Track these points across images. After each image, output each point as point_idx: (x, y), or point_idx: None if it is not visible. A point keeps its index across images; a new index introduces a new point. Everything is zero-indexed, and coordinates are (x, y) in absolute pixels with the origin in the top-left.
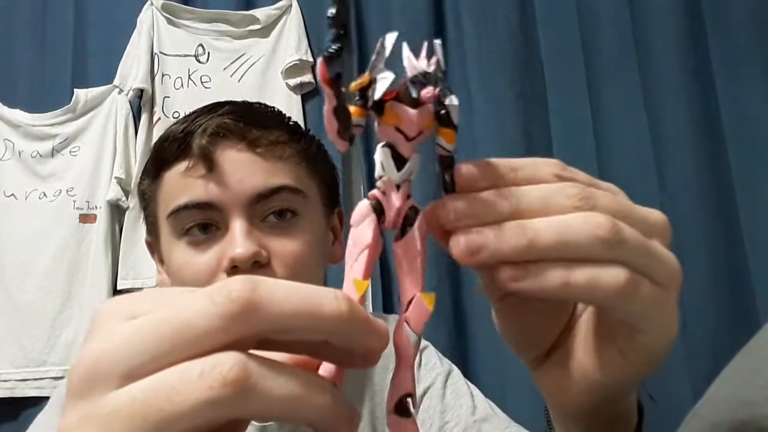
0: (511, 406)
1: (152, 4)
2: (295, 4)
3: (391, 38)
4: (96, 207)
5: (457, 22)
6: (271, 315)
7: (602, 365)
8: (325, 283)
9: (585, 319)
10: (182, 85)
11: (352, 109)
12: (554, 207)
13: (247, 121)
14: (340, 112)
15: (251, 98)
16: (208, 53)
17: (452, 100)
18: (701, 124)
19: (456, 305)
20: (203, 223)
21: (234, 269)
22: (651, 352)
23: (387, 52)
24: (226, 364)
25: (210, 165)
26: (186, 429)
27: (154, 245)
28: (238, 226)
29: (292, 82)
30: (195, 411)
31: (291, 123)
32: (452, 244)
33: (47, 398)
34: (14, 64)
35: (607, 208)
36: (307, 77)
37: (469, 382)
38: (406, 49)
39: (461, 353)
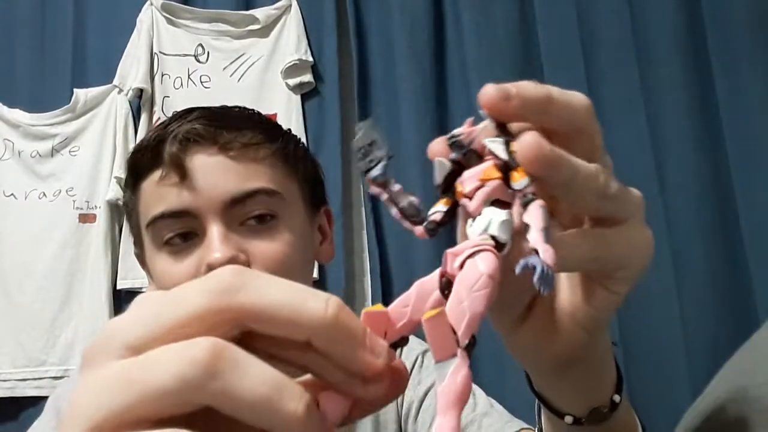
0: (510, 405)
1: (152, 4)
2: (294, 4)
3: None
4: (96, 207)
5: (457, 22)
6: (254, 299)
7: (588, 299)
8: (322, 284)
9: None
10: (182, 84)
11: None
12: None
13: (218, 125)
14: (402, 210)
15: (251, 98)
16: (208, 53)
17: (489, 144)
18: (701, 123)
19: None
20: (183, 232)
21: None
22: (634, 280)
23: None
24: (201, 344)
25: (182, 172)
26: (163, 406)
27: (140, 257)
28: (214, 231)
29: (292, 81)
30: (166, 386)
31: (267, 123)
32: (484, 93)
33: (47, 398)
34: (14, 64)
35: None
36: (307, 77)
37: (472, 384)
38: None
39: None
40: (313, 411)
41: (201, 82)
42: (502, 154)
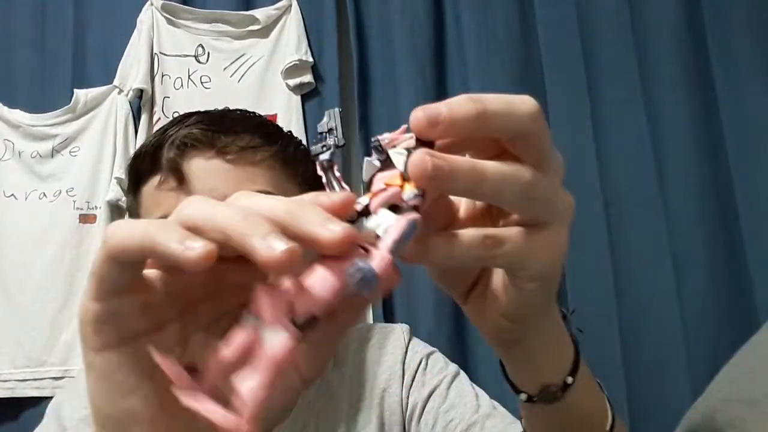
0: (510, 405)
1: (152, 4)
2: (294, 4)
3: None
4: (96, 207)
5: (457, 23)
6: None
7: (503, 294)
8: None
9: None
10: (182, 85)
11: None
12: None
13: (216, 129)
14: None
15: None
16: (208, 53)
17: (392, 154)
18: (701, 124)
19: (456, 305)
20: None
21: None
22: (538, 279)
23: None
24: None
25: (180, 177)
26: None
27: None
28: None
29: (292, 82)
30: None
31: (266, 126)
32: (414, 118)
33: (47, 398)
34: (14, 64)
35: None
36: (307, 77)
37: (474, 385)
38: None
39: (461, 353)
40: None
41: (201, 83)
42: (400, 166)
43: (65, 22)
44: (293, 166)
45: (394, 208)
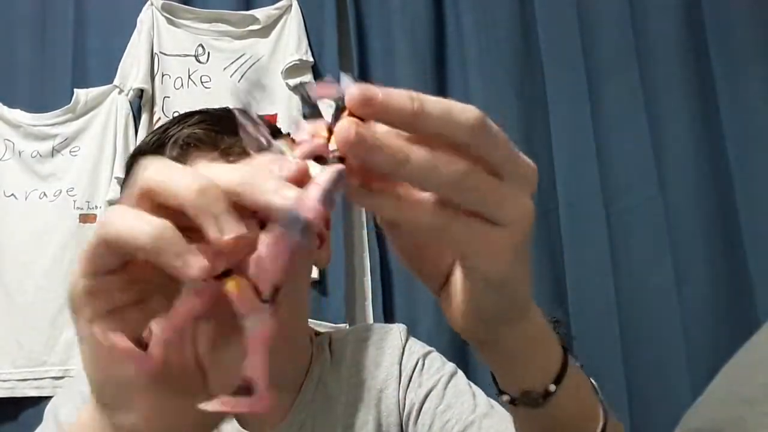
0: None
1: (152, 4)
2: (295, 4)
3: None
4: (96, 207)
5: (457, 22)
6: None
7: (462, 293)
8: (322, 283)
9: None
10: (182, 85)
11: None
12: (453, 122)
13: (218, 130)
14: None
15: None
16: (208, 53)
17: (322, 106)
18: (701, 124)
19: None
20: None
21: None
22: (485, 279)
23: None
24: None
25: None
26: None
27: None
28: None
29: (292, 82)
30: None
31: (269, 127)
32: (349, 93)
33: (47, 398)
34: (14, 64)
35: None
36: (307, 77)
37: (472, 384)
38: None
39: (461, 353)
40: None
41: (201, 83)
42: (328, 118)
43: (65, 22)
44: None
45: (319, 158)
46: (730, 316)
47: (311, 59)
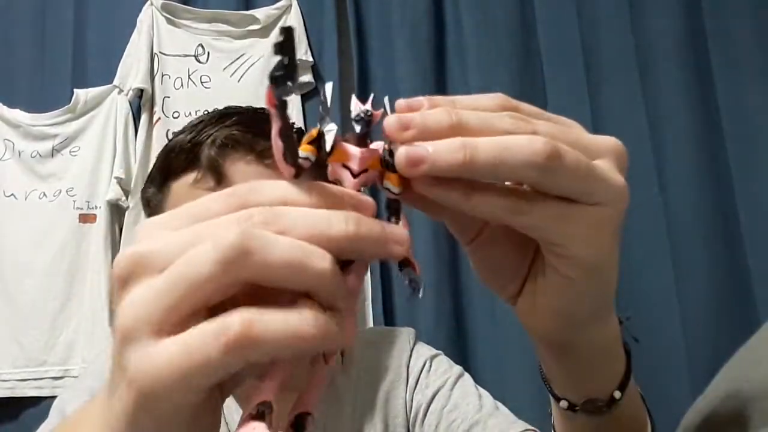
0: (510, 406)
1: (152, 4)
2: (294, 4)
3: (329, 87)
4: (96, 207)
5: (457, 22)
6: (263, 263)
7: (552, 286)
8: None
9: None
10: (182, 85)
11: (304, 145)
12: (493, 129)
13: (255, 132)
14: (286, 135)
15: (250, 98)
16: (208, 53)
17: (396, 147)
18: (701, 124)
19: (456, 305)
20: None
21: None
22: (582, 265)
23: (329, 101)
24: (232, 230)
25: (219, 177)
26: (210, 291)
27: None
28: None
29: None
30: (209, 272)
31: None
32: (397, 156)
33: (47, 398)
34: (14, 64)
35: (549, 133)
36: (307, 77)
37: (479, 386)
38: (353, 98)
39: (461, 353)
40: (336, 267)
41: (201, 83)
42: (387, 156)
43: (65, 22)
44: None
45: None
46: (730, 316)
47: (311, 59)
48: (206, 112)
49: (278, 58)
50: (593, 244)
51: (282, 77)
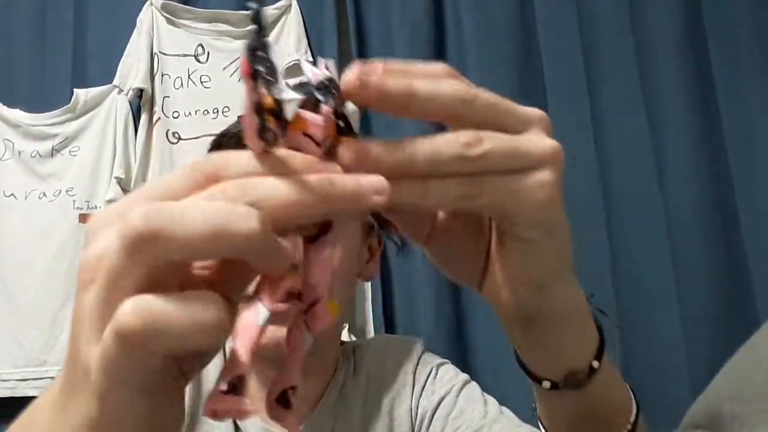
0: (510, 405)
1: (152, 4)
2: (294, 4)
3: (275, 46)
4: (96, 207)
5: (457, 22)
6: (173, 241)
7: (513, 255)
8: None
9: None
10: (182, 84)
11: (267, 117)
12: (441, 93)
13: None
14: (260, 111)
15: None
16: (208, 53)
17: (350, 107)
18: (701, 123)
19: (456, 305)
20: None
21: None
22: (539, 224)
23: (279, 68)
24: (131, 221)
25: None
26: (132, 286)
27: None
28: None
29: (292, 81)
30: (120, 267)
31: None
32: (348, 75)
33: None
34: (14, 64)
35: (487, 101)
36: (307, 77)
37: (485, 393)
38: (305, 62)
39: (461, 353)
40: (267, 226)
41: (201, 82)
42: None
43: (65, 22)
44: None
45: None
46: (730, 316)
47: (311, 59)
48: (206, 113)
49: (254, 27)
50: (544, 204)
51: (258, 47)
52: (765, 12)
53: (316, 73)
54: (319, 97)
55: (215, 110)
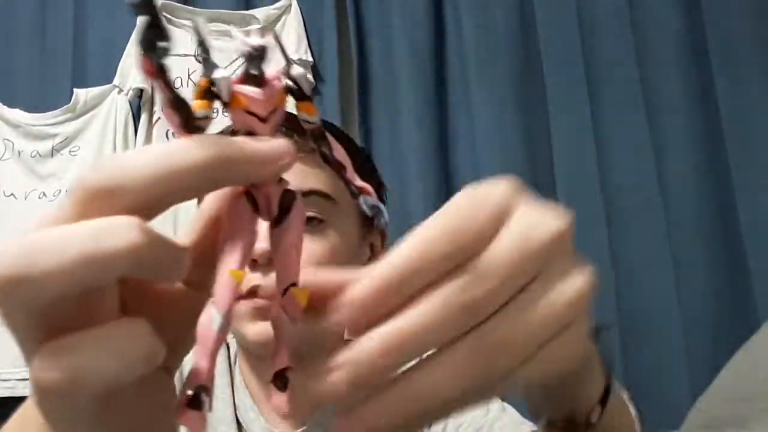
0: (511, 403)
1: None
2: (294, 4)
3: (201, 24)
4: None
5: (456, 22)
6: (43, 280)
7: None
8: None
9: None
10: (182, 84)
11: (196, 102)
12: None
13: (290, 128)
14: (178, 104)
15: None
16: None
17: (297, 70)
18: (701, 124)
19: None
20: None
21: (254, 262)
22: (560, 372)
23: (211, 48)
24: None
25: None
26: (21, 329)
27: None
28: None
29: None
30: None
31: (342, 136)
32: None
33: None
34: (14, 64)
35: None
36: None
37: None
38: (235, 32)
39: None
40: (152, 233)
41: None
42: (290, 84)
43: (65, 22)
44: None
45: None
46: (730, 316)
47: (311, 59)
48: None
49: (143, 18)
50: (572, 354)
51: (154, 39)
52: (765, 11)
53: (245, 43)
54: (252, 69)
55: (215, 110)
